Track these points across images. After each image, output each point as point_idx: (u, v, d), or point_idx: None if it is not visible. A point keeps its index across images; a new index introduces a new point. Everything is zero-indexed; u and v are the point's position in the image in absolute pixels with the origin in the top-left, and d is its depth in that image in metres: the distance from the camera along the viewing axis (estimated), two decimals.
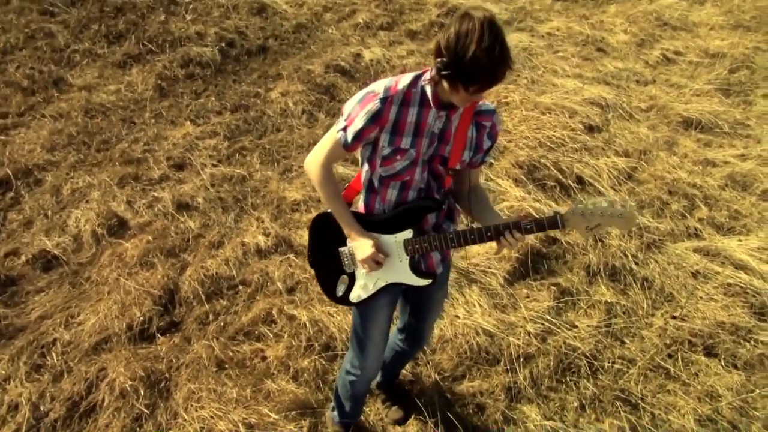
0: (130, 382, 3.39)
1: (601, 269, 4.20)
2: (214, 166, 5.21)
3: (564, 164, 5.06)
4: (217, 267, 4.18)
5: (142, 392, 3.37)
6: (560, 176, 4.96)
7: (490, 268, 4.17)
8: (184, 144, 5.44)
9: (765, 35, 8.12)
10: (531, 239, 4.31)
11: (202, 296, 3.98)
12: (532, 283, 4.14)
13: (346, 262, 2.51)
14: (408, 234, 2.36)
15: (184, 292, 4.02)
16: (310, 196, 4.78)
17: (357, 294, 2.52)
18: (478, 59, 1.90)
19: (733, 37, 7.89)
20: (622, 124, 5.79)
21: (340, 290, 2.56)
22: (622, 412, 3.34)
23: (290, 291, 4.05)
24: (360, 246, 2.36)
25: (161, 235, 4.45)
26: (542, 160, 5.06)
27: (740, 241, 4.43)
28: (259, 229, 4.49)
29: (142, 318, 3.81)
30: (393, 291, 2.53)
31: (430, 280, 2.46)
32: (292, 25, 7.52)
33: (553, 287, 4.08)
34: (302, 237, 4.40)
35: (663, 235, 4.52)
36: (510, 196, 4.71)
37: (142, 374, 3.44)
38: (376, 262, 2.35)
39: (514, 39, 7.24)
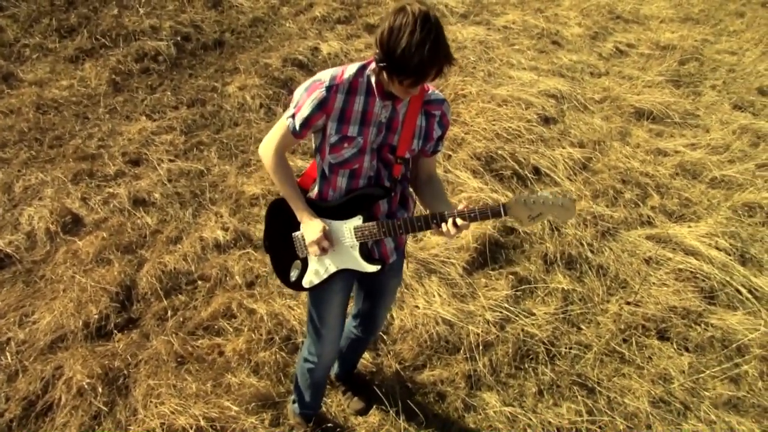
0: (88, 380, 3.34)
1: (558, 258, 4.28)
2: (171, 161, 5.14)
3: (521, 155, 5.13)
4: (176, 262, 4.14)
5: (100, 390, 3.33)
6: (517, 167, 5.03)
7: (449, 258, 4.21)
8: (140, 139, 5.35)
9: (713, 28, 8.35)
10: (489, 229, 4.37)
11: (160, 292, 3.94)
12: (491, 272, 4.19)
13: (299, 247, 2.53)
14: (358, 221, 2.39)
15: (142, 288, 3.98)
16: (269, 191, 4.76)
17: (309, 279, 2.55)
18: (408, 55, 1.92)
19: (683, 30, 8.09)
20: (576, 115, 5.89)
21: (294, 275, 2.58)
22: (579, 396, 3.42)
23: (250, 285, 4.03)
24: (309, 229, 2.39)
25: (117, 232, 4.38)
26: (499, 152, 5.12)
27: (690, 227, 4.56)
28: (218, 224, 4.46)
29: (98, 315, 3.75)
30: (346, 277, 2.56)
31: (379, 266, 2.49)
32: (248, 18, 7.44)
33: (511, 276, 4.14)
34: (261, 231, 4.36)
35: (617, 223, 4.63)
36: (468, 187, 4.76)
37: (100, 372, 3.40)
38: (322, 247, 2.37)
39: (470, 32, 7.29)
